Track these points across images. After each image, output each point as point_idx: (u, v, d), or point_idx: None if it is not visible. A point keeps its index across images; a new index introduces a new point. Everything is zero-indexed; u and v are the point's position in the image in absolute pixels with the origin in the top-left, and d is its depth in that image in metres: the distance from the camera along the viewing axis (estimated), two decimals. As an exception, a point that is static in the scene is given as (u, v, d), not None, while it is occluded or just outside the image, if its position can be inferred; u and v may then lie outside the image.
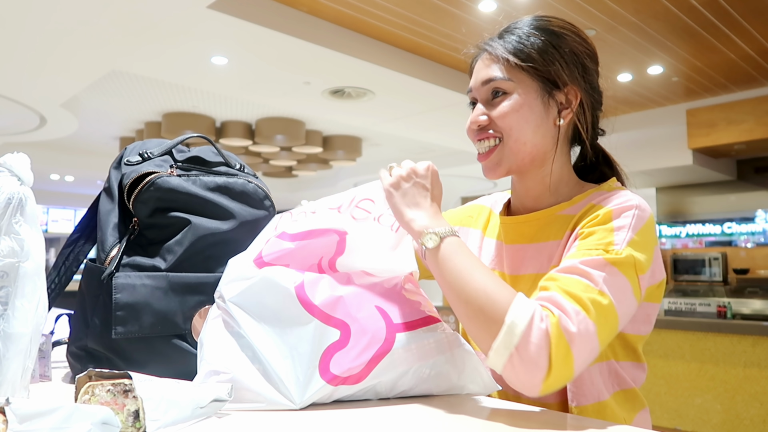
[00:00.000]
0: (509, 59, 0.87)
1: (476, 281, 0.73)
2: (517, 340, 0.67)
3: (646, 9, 3.74)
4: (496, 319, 0.70)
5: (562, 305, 0.69)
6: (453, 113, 5.64)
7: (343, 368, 0.71)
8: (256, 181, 0.99)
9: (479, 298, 0.72)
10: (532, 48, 0.87)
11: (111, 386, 0.59)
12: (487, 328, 0.70)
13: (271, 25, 3.79)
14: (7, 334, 0.62)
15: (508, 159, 0.89)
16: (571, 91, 0.88)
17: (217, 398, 0.65)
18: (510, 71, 0.88)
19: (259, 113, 6.52)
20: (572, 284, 0.72)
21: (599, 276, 0.72)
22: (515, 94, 0.87)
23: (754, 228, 6.81)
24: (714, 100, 5.61)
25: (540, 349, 0.66)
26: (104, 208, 0.91)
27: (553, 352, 0.66)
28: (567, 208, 0.89)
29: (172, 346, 0.83)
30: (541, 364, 0.66)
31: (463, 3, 3.72)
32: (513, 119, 0.87)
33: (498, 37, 0.91)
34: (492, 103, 0.89)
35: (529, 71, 0.87)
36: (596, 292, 0.71)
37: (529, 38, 0.88)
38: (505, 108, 0.87)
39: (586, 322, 0.69)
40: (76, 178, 10.44)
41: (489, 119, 0.89)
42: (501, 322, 0.69)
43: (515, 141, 0.88)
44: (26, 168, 0.66)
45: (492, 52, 0.90)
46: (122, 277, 0.82)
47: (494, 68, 0.89)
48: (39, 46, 4.08)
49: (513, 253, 0.93)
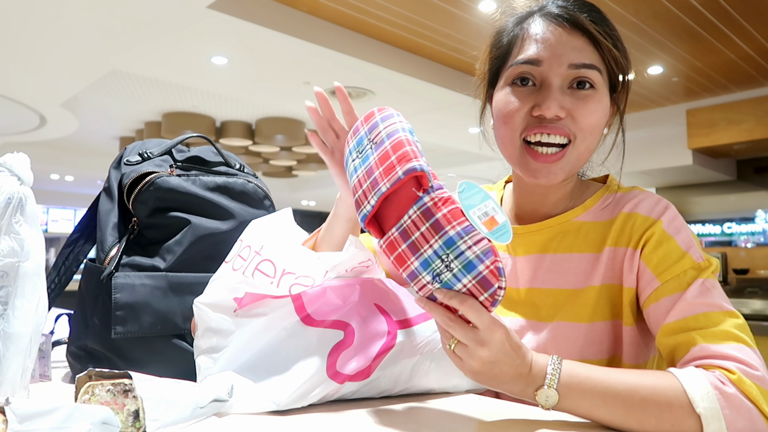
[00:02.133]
0: (609, 46, 0.72)
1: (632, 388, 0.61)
2: (724, 422, 0.59)
3: (646, 9, 3.74)
4: (685, 414, 0.60)
5: (726, 354, 0.63)
6: (453, 113, 5.64)
7: (350, 366, 0.71)
8: (256, 181, 0.99)
9: (649, 406, 0.60)
10: (617, 39, 0.74)
11: (111, 386, 0.58)
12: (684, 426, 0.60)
13: (271, 25, 3.79)
14: (7, 333, 0.62)
15: (573, 165, 0.76)
16: (621, 97, 0.80)
17: (217, 398, 0.65)
18: (600, 60, 0.74)
19: (259, 113, 6.52)
20: (704, 322, 0.67)
21: (716, 297, 0.69)
22: (600, 91, 0.74)
23: (754, 228, 6.81)
24: (714, 100, 5.61)
25: (747, 412, 0.60)
26: (104, 207, 0.91)
27: (758, 405, 0.60)
28: (582, 213, 0.82)
29: (172, 345, 0.83)
30: (758, 422, 0.60)
31: (463, 3, 3.72)
32: (596, 122, 0.74)
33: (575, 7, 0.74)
34: (576, 95, 0.74)
35: (609, 65, 0.74)
36: (723, 315, 0.67)
37: (610, 24, 0.74)
38: (594, 108, 0.73)
39: (751, 351, 0.64)
40: (76, 178, 10.44)
41: (567, 113, 0.73)
42: (693, 414, 0.59)
43: (586, 148, 0.76)
44: (26, 168, 0.66)
45: (582, 24, 0.72)
46: (122, 277, 0.82)
47: (586, 50, 0.73)
48: (39, 46, 4.08)
49: (525, 264, 0.83)
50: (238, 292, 0.75)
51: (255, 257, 0.75)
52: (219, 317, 0.75)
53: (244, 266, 0.75)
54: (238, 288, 0.75)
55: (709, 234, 7.11)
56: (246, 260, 0.76)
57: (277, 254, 0.75)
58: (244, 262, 0.76)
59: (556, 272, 0.80)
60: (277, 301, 0.73)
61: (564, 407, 0.63)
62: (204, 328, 0.76)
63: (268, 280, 0.74)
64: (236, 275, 0.75)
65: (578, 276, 0.79)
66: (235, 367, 0.74)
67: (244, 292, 0.74)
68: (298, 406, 0.70)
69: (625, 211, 0.78)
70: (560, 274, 0.80)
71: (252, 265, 0.75)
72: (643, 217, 0.76)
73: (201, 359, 0.75)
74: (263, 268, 0.74)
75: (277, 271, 0.74)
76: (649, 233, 0.74)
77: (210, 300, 0.76)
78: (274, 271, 0.74)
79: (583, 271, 0.79)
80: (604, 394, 0.62)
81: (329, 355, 0.71)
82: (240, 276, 0.75)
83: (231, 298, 0.75)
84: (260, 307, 0.74)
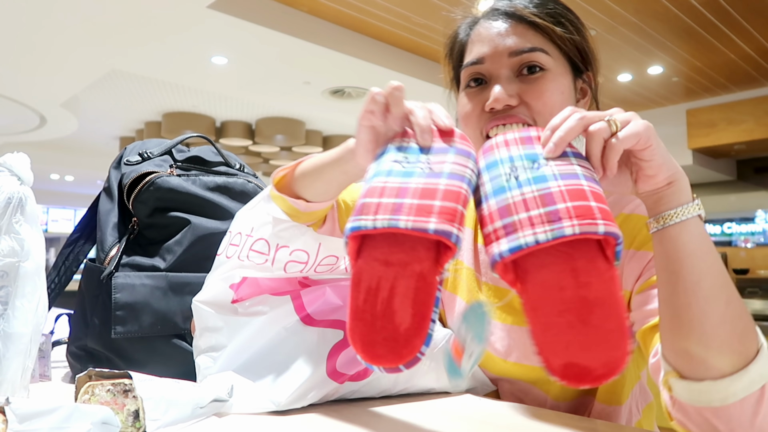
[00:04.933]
0: (549, 25, 0.73)
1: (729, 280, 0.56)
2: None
3: (646, 9, 3.74)
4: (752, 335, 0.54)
5: None
6: (453, 113, 5.63)
7: (349, 366, 0.71)
8: (256, 181, 0.99)
9: (738, 302, 0.55)
10: (566, 18, 0.74)
11: (111, 386, 0.58)
12: (742, 343, 0.54)
13: (271, 25, 3.79)
14: (7, 334, 0.62)
15: None
16: (589, 77, 0.79)
17: (217, 398, 0.65)
18: (546, 42, 0.74)
19: (259, 113, 6.52)
20: None
21: None
22: (554, 71, 0.73)
23: (754, 228, 6.81)
24: (714, 100, 5.61)
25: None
26: (104, 207, 0.91)
27: None
28: None
29: (172, 345, 0.83)
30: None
31: (463, 3, 3.72)
32: (557, 101, 0.72)
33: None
34: (525, 80, 0.73)
35: (566, 45, 0.74)
36: None
37: (557, 6, 0.75)
38: (547, 87, 0.72)
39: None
40: (76, 178, 10.44)
41: (520, 100, 0.73)
42: (757, 341, 0.54)
43: None
44: (26, 168, 0.66)
45: (518, 14, 0.74)
46: (122, 277, 0.82)
47: (526, 36, 0.73)
48: (39, 46, 4.08)
49: None
50: (234, 278, 0.73)
51: (247, 240, 0.73)
52: (217, 316, 0.75)
53: (237, 251, 0.74)
54: (233, 274, 0.73)
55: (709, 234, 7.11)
56: (239, 245, 0.74)
57: (269, 231, 0.73)
58: (237, 248, 0.74)
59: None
60: (276, 299, 0.73)
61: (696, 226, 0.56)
62: (202, 327, 0.75)
63: (263, 257, 0.72)
64: (230, 262, 0.74)
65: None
66: (235, 366, 0.74)
67: (240, 277, 0.73)
68: (298, 406, 0.70)
69: (625, 213, 0.76)
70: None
71: (246, 247, 0.73)
72: (644, 218, 0.74)
73: (201, 359, 0.75)
74: (257, 248, 0.72)
75: (270, 247, 0.72)
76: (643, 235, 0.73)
77: (207, 296, 0.75)
78: (268, 248, 0.72)
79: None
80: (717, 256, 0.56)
81: (329, 355, 0.71)
82: (235, 261, 0.73)
83: (227, 287, 0.74)
84: (259, 305, 0.74)
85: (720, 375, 0.53)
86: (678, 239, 0.56)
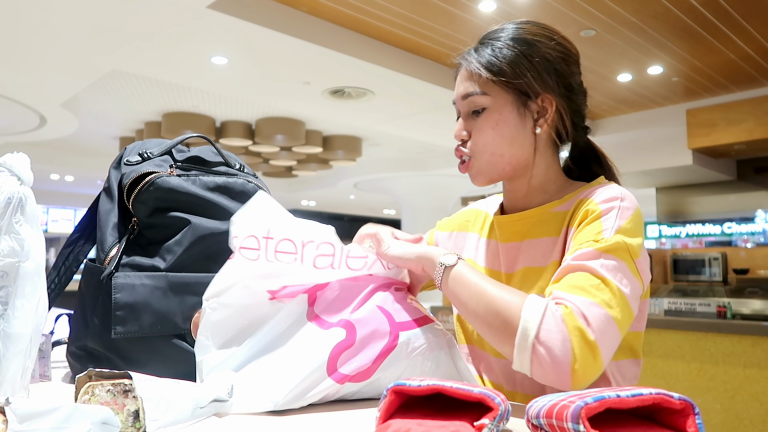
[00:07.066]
0: (481, 74, 0.89)
1: (490, 292, 0.76)
2: (534, 332, 0.69)
3: (646, 9, 3.74)
4: (512, 320, 0.72)
5: (570, 299, 0.71)
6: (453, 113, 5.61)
7: (351, 367, 0.71)
8: (256, 181, 0.99)
9: (495, 306, 0.74)
10: (504, 60, 0.88)
11: (111, 386, 0.58)
12: (506, 331, 0.72)
13: (271, 25, 3.79)
14: (7, 334, 0.62)
15: (487, 170, 0.91)
16: (546, 99, 0.89)
17: (217, 398, 0.65)
18: (484, 85, 0.89)
19: (259, 113, 6.52)
20: (573, 279, 0.74)
21: (596, 264, 0.75)
22: (491, 110, 0.89)
23: (754, 228, 6.81)
24: (714, 100, 5.61)
25: (559, 337, 0.68)
26: (104, 208, 0.91)
27: (573, 341, 0.68)
28: (559, 205, 0.90)
29: (172, 345, 0.83)
30: (565, 352, 0.68)
31: (463, 3, 3.72)
32: (489, 136, 0.89)
33: (474, 50, 0.92)
34: (473, 119, 0.91)
35: (501, 84, 0.88)
36: (599, 280, 0.73)
37: (502, 50, 0.88)
38: (482, 125, 0.89)
39: (598, 309, 0.71)
40: (76, 178, 10.44)
41: (469, 135, 0.92)
42: (517, 322, 0.71)
43: (491, 154, 0.90)
44: (26, 168, 0.66)
45: (468, 65, 0.91)
46: (122, 277, 0.82)
47: (470, 83, 0.90)
48: (39, 46, 4.08)
49: (507, 251, 0.94)
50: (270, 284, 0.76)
51: (268, 243, 0.76)
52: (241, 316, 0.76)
53: (260, 254, 0.76)
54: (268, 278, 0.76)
55: (709, 234, 7.11)
56: (259, 248, 0.76)
57: (290, 230, 0.77)
58: (258, 251, 0.76)
59: (528, 254, 0.90)
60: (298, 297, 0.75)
61: (447, 276, 0.80)
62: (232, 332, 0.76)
63: (291, 257, 0.77)
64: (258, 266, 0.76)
65: (545, 256, 0.87)
66: (237, 365, 0.74)
67: (281, 285, 0.76)
68: (297, 406, 0.70)
69: (581, 198, 0.86)
70: (531, 255, 0.89)
71: (270, 249, 0.76)
72: (591, 201, 0.83)
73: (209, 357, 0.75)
74: (282, 248, 0.76)
75: (296, 245, 0.77)
76: (584, 210, 0.82)
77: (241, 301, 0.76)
78: (294, 247, 0.77)
79: (549, 251, 0.87)
80: (475, 284, 0.77)
81: (330, 355, 0.71)
82: (263, 263, 0.76)
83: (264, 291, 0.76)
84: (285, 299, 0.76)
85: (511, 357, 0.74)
86: (446, 289, 0.81)
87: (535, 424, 0.55)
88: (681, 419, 0.50)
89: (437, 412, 0.58)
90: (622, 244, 0.76)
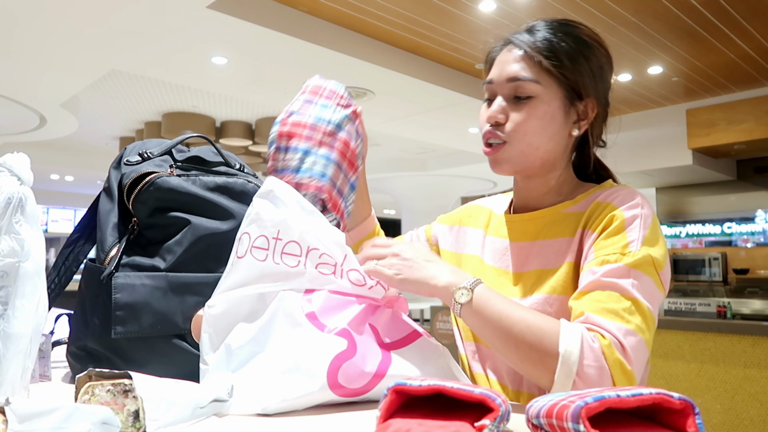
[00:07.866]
0: (541, 60, 0.85)
1: (518, 321, 0.73)
2: (576, 367, 0.68)
3: (646, 9, 3.74)
4: (550, 352, 0.70)
5: (605, 326, 0.71)
6: (453, 113, 5.64)
7: (350, 380, 0.70)
8: (256, 181, 0.99)
9: (527, 337, 0.72)
10: (564, 53, 0.85)
11: (111, 386, 0.58)
12: (543, 363, 0.71)
13: (271, 25, 3.79)
14: (7, 334, 0.62)
15: (517, 160, 0.88)
16: (590, 103, 0.88)
17: (217, 398, 0.65)
18: (538, 73, 0.85)
19: (259, 113, 6.52)
20: (604, 300, 0.74)
21: (626, 283, 0.74)
22: (540, 99, 0.86)
23: (754, 228, 6.82)
24: (714, 100, 5.61)
25: (600, 370, 0.68)
26: (104, 208, 0.90)
27: (614, 374, 0.68)
28: (572, 206, 0.89)
29: (172, 345, 0.83)
30: (605, 380, 0.68)
31: (463, 3, 3.72)
32: (532, 126, 0.86)
33: (527, 32, 0.88)
34: (516, 104, 0.87)
35: (557, 77, 0.85)
36: (630, 302, 0.73)
37: (561, 44, 0.85)
38: (528, 113, 0.85)
39: (634, 337, 0.71)
40: (76, 178, 10.44)
41: (506, 119, 0.87)
42: (555, 354, 0.70)
43: (528, 145, 0.87)
44: (26, 168, 0.66)
45: (521, 47, 0.87)
46: (122, 277, 0.82)
47: (522, 66, 0.86)
48: (39, 46, 4.08)
49: (518, 250, 0.93)
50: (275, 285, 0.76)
51: (277, 243, 0.77)
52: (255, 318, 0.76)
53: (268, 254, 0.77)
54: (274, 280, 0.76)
55: (709, 234, 7.11)
56: (268, 249, 0.77)
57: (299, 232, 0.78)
58: (267, 252, 0.77)
59: (541, 255, 0.89)
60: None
61: (468, 310, 0.76)
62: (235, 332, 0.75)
63: (295, 260, 0.77)
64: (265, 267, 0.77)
65: (558, 257, 0.86)
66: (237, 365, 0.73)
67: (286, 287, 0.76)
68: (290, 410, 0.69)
69: (599, 200, 0.85)
70: (544, 256, 0.88)
71: (277, 251, 0.77)
72: (612, 206, 0.83)
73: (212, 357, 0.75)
74: (289, 250, 0.77)
75: (302, 249, 0.77)
76: (605, 215, 0.82)
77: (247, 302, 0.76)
78: (299, 250, 0.77)
79: (562, 252, 0.86)
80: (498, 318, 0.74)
81: (331, 364, 0.69)
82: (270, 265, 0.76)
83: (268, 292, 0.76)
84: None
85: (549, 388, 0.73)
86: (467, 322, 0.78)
87: (535, 423, 0.55)
88: (681, 419, 0.50)
89: (438, 412, 0.58)
90: (648, 258, 0.77)
